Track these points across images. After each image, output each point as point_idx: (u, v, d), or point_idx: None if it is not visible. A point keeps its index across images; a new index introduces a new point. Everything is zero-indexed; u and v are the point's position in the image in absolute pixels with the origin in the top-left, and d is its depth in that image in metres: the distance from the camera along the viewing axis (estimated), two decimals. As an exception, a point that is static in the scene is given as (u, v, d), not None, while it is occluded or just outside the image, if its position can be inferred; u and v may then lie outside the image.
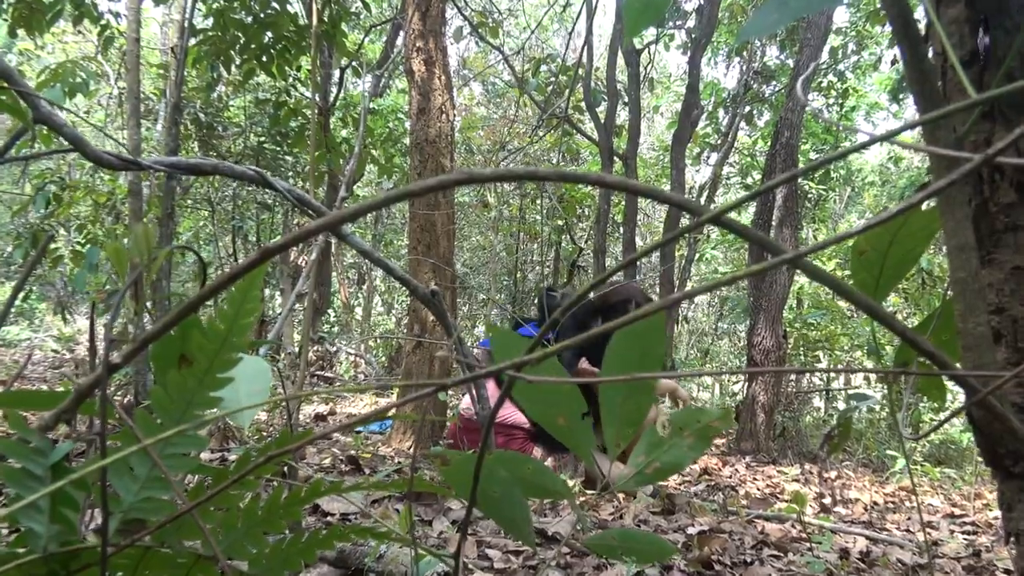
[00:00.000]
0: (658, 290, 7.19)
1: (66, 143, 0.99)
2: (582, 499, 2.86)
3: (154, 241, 0.70)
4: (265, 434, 3.66)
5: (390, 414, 4.09)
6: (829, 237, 0.45)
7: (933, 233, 0.81)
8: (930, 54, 0.80)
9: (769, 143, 6.96)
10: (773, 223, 5.93)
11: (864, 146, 0.55)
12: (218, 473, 0.68)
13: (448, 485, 0.93)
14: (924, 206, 0.80)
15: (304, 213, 1.16)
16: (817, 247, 0.47)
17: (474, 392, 1.17)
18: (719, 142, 10.36)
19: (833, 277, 0.50)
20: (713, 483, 3.97)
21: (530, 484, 1.01)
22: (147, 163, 1.02)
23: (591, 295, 3.72)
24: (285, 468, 1.89)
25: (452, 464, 0.89)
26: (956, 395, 5.95)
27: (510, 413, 3.55)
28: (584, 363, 3.49)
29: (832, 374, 8.00)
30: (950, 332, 0.88)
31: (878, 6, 8.86)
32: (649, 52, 9.19)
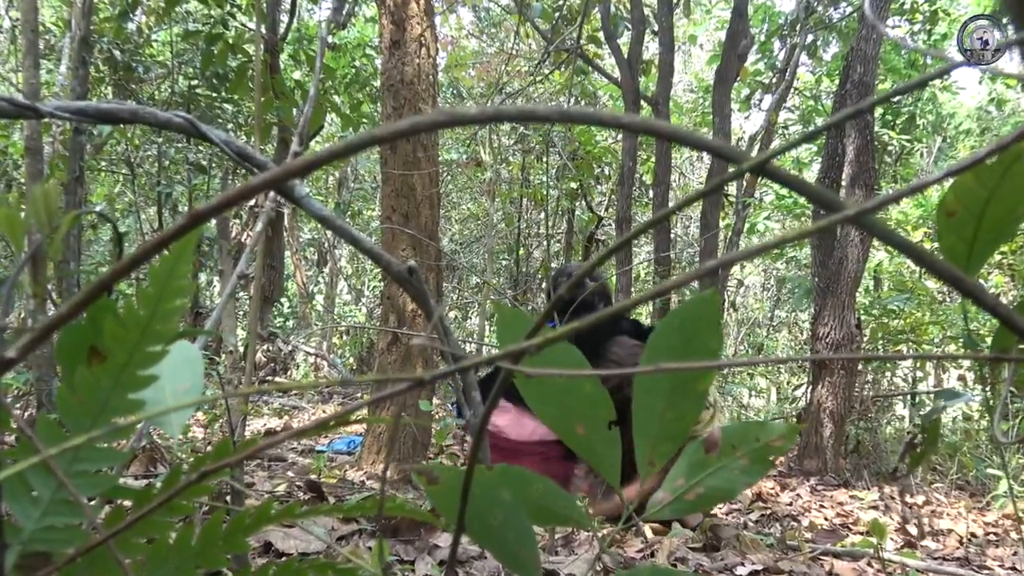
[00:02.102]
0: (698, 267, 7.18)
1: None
2: (604, 531, 2.88)
3: (57, 203, 0.70)
4: (202, 454, 3.67)
5: (357, 417, 4.10)
6: (902, 188, 0.45)
7: (1041, 188, 0.81)
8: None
9: (837, 81, 6.95)
10: (843, 182, 5.93)
11: (950, 69, 0.55)
12: (140, 495, 0.69)
13: (437, 512, 0.93)
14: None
15: (247, 171, 1.17)
16: (886, 200, 0.48)
17: (461, 395, 1.17)
18: (774, 81, 10.33)
19: (907, 241, 0.51)
20: (769, 511, 3.99)
21: (538, 509, 1.01)
22: (47, 109, 1.02)
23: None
24: (228, 495, 1.90)
25: (441, 483, 0.89)
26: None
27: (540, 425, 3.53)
28: None
29: (919, 374, 8.01)
30: (1061, 312, 0.89)
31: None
32: (685, -33, 9.17)
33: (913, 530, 3.65)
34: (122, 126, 7.55)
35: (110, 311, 0.68)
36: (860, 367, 6.10)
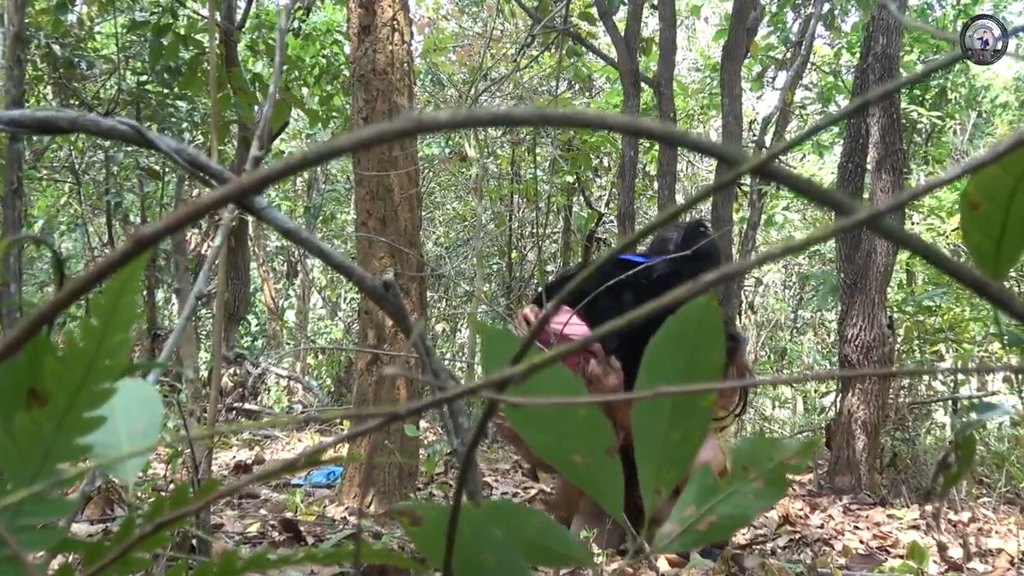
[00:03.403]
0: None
1: None
2: (613, 566, 2.88)
3: (-13, 231, 0.70)
4: (165, 494, 3.67)
5: (332, 455, 4.10)
6: (916, 187, 0.46)
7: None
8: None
9: (859, 54, 6.96)
10: (869, 166, 5.93)
11: (962, 56, 0.56)
12: (92, 548, 0.69)
13: (422, 557, 0.93)
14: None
15: (202, 180, 1.17)
16: (900, 202, 0.48)
17: (449, 423, 1.18)
18: (788, 56, 10.35)
19: (926, 244, 0.51)
20: (798, 535, 3.99)
21: (535, 548, 1.01)
22: (-25, 122, 1.02)
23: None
24: (194, 541, 1.90)
25: (425, 523, 0.89)
26: None
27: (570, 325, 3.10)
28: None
29: (961, 377, 8.02)
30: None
31: None
32: (685, -67, 9.19)
33: (956, 552, 3.65)
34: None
35: (48, 350, 0.68)
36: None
